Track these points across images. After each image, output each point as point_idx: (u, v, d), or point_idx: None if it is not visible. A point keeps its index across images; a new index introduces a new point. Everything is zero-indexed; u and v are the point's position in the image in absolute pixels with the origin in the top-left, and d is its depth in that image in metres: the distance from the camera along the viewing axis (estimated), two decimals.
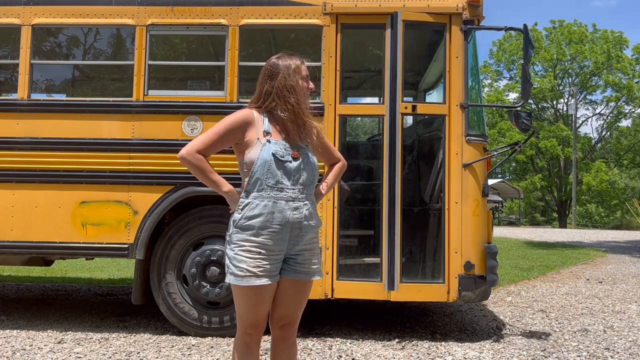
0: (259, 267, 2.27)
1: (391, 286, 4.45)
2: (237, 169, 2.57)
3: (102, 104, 4.81)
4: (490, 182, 24.80)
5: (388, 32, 4.58)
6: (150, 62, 4.82)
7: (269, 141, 2.40)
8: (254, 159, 2.40)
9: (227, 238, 2.38)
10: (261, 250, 2.30)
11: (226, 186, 2.48)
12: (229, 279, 2.31)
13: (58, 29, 5.57)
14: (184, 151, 2.39)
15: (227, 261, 2.34)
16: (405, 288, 4.50)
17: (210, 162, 2.48)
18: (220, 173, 2.58)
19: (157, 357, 4.06)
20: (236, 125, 2.42)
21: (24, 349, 4.22)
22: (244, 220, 2.35)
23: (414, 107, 4.72)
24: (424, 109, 5.16)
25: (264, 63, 2.67)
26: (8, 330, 4.78)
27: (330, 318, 5.36)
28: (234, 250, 2.31)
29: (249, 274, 2.26)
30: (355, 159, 6.00)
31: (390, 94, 4.58)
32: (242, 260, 2.28)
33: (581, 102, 39.86)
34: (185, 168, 2.52)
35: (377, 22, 4.66)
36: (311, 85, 2.56)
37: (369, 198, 5.34)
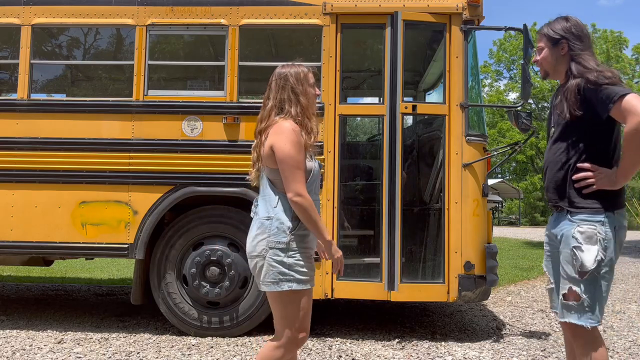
0: (313, 270, 2.47)
1: (391, 286, 4.45)
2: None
3: (102, 104, 4.81)
4: (490, 182, 24.80)
5: (388, 32, 4.58)
6: (150, 62, 4.82)
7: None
8: (309, 169, 2.48)
9: (280, 246, 2.37)
10: (313, 256, 2.49)
11: (329, 234, 2.51)
12: (290, 286, 2.34)
13: (58, 29, 5.56)
14: (300, 198, 2.37)
15: (281, 269, 2.35)
16: (406, 288, 4.50)
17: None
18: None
19: (157, 357, 4.06)
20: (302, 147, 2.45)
21: (24, 349, 4.22)
22: (301, 229, 2.42)
23: (414, 107, 4.72)
24: (424, 109, 5.17)
25: (264, 63, 2.71)
26: (8, 330, 4.78)
27: (330, 318, 5.36)
28: (294, 258, 2.37)
29: (310, 277, 2.41)
30: (355, 158, 6.01)
31: (390, 94, 4.58)
32: (304, 266, 2.39)
33: None
34: (185, 168, 2.55)
35: (377, 22, 4.66)
36: (317, 91, 2.62)
37: (369, 198, 5.34)
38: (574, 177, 2.42)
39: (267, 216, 2.42)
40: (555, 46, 2.54)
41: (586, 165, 2.40)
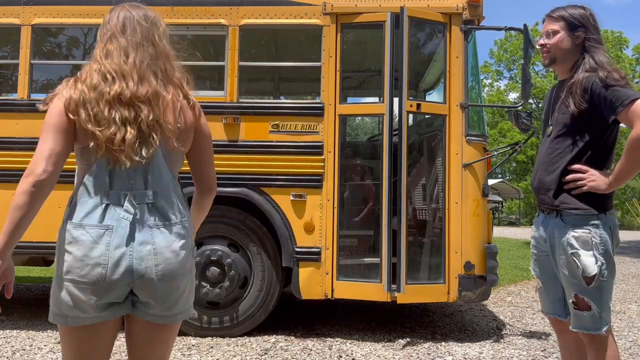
0: None
1: (397, 288, 4.43)
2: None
3: None
4: (490, 182, 24.74)
5: (388, 32, 4.57)
6: None
7: None
8: None
9: (196, 257, 2.04)
10: None
11: None
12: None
13: (58, 29, 5.56)
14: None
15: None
16: (408, 289, 4.49)
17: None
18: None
19: None
20: None
21: (24, 349, 4.22)
22: None
23: (418, 106, 4.72)
24: (427, 108, 5.16)
25: (264, 63, 2.62)
26: (8, 330, 4.78)
27: (330, 318, 5.36)
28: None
29: None
30: (355, 158, 6.00)
31: (390, 93, 4.57)
32: None
33: None
34: (185, 168, 2.41)
35: (377, 22, 4.66)
36: None
37: (369, 198, 5.33)
38: (565, 179, 2.36)
39: (185, 218, 1.81)
40: (572, 32, 2.41)
41: (577, 166, 2.34)
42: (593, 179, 2.31)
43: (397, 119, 4.81)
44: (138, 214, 1.71)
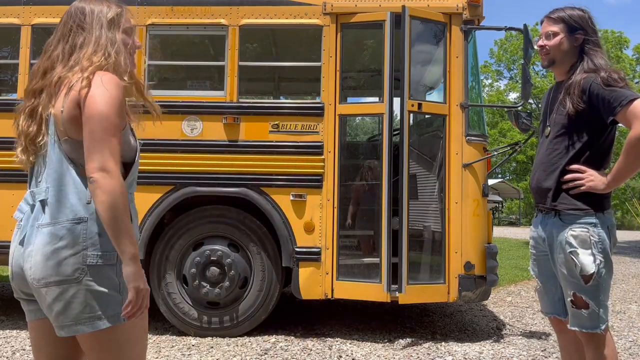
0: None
1: (399, 288, 4.42)
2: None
3: None
4: (490, 182, 24.75)
5: (388, 32, 4.57)
6: (150, 62, 4.81)
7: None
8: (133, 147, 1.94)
9: (109, 261, 1.65)
10: None
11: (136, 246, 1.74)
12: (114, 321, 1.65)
13: None
14: (106, 174, 1.62)
15: (110, 294, 1.65)
16: (409, 290, 4.49)
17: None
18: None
19: (157, 357, 4.05)
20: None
21: (24, 349, 4.21)
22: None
23: (419, 105, 4.72)
24: (428, 108, 5.16)
25: (264, 63, 2.59)
26: (8, 330, 4.78)
27: (330, 318, 5.36)
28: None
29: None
30: (355, 158, 6.00)
31: (390, 93, 4.57)
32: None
33: None
34: (185, 168, 2.40)
35: (377, 22, 4.66)
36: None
37: (370, 198, 5.33)
38: (563, 179, 2.38)
39: (77, 217, 1.64)
40: (571, 35, 2.42)
41: (575, 166, 2.36)
42: (591, 179, 2.33)
43: (397, 118, 4.81)
44: (32, 213, 1.69)
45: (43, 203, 1.67)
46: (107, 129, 1.63)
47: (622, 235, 22.78)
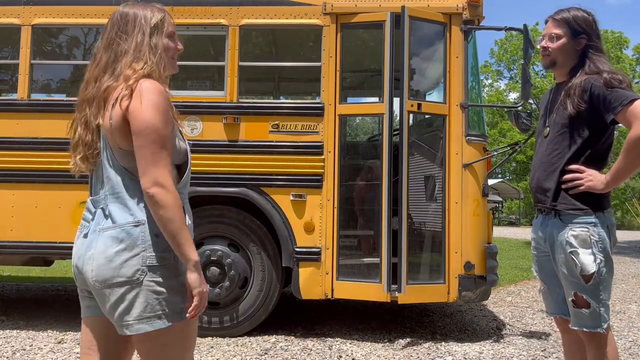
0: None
1: (398, 288, 4.42)
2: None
3: None
4: (490, 182, 24.73)
5: (388, 32, 4.57)
6: None
7: None
8: (183, 150, 1.86)
9: (165, 262, 1.73)
10: None
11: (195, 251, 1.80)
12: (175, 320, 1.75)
13: (58, 29, 5.56)
14: (161, 189, 1.67)
15: (169, 296, 1.74)
16: (409, 290, 4.49)
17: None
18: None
19: None
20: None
21: (24, 349, 4.22)
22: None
23: (419, 105, 4.72)
24: (428, 108, 5.16)
25: (264, 63, 2.59)
26: (8, 330, 4.78)
27: (330, 318, 5.36)
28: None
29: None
30: (355, 158, 6.00)
31: (390, 93, 4.57)
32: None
33: None
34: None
35: (377, 22, 4.66)
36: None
37: (370, 198, 5.33)
38: (563, 178, 2.38)
39: (135, 220, 1.71)
40: (575, 38, 2.42)
41: (575, 166, 2.36)
42: (590, 179, 2.33)
43: (397, 119, 4.81)
44: (93, 219, 1.78)
45: (103, 210, 1.75)
46: (155, 142, 1.66)
47: (622, 235, 22.79)
